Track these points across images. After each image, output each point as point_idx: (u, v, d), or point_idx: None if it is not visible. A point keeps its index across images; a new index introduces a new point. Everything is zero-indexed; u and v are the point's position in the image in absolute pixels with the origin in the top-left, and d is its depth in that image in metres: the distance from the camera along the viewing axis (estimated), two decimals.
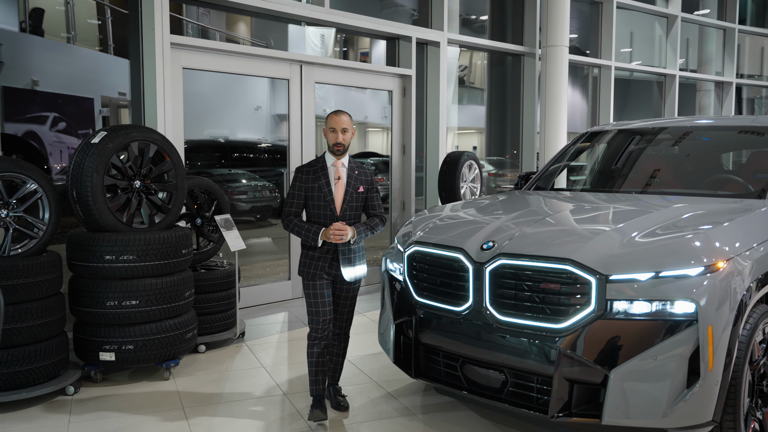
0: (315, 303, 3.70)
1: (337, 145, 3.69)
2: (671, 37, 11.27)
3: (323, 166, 3.74)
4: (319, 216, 3.70)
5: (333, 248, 3.69)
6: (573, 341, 2.91)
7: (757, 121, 4.63)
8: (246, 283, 6.71)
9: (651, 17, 11.25)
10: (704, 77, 12.12)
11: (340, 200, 3.71)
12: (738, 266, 2.98)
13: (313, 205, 3.71)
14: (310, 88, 6.91)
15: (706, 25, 12.08)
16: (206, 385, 4.37)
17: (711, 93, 12.32)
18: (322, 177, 3.71)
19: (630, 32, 11.19)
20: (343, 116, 3.72)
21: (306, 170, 3.75)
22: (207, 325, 5.12)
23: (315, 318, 3.70)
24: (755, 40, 13.24)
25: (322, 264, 3.70)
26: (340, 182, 3.72)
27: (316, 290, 3.70)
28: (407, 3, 8.99)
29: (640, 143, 4.87)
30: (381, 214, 3.86)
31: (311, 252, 3.72)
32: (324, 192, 3.68)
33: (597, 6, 10.26)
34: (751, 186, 4.03)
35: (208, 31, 8.23)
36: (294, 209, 3.74)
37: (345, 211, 3.71)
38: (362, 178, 3.79)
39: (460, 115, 10.01)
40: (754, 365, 3.10)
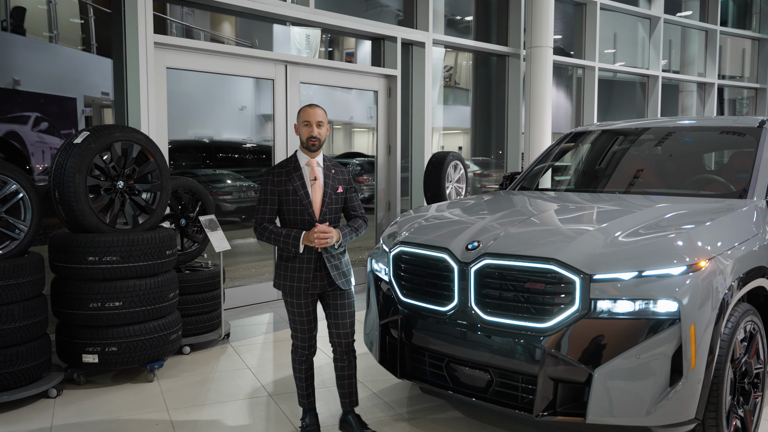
0: (300, 321, 3.42)
1: (311, 140, 3.32)
2: (654, 39, 11.37)
3: (296, 166, 3.37)
4: (296, 222, 3.33)
5: (317, 256, 3.32)
6: (557, 340, 2.93)
7: (738, 121, 4.69)
8: (231, 284, 6.68)
9: (634, 18, 11.35)
10: (687, 78, 12.24)
11: (318, 203, 3.34)
12: (720, 265, 3.01)
13: (288, 210, 3.34)
14: (295, 89, 6.90)
15: (689, 26, 12.20)
16: (191, 387, 4.35)
17: (693, 94, 12.44)
18: (296, 178, 3.34)
19: (613, 33, 11.27)
20: (318, 109, 3.36)
21: (277, 172, 3.37)
22: (192, 326, 5.10)
23: (298, 335, 3.46)
24: (737, 41, 13.39)
25: (306, 276, 3.32)
26: (316, 183, 3.36)
27: (301, 308, 3.39)
28: (392, 3, 9.00)
29: (623, 144, 4.91)
30: (363, 214, 3.55)
31: (290, 263, 3.33)
32: (300, 195, 3.31)
33: (581, 7, 10.33)
34: (732, 186, 4.07)
35: (193, 31, 8.18)
36: (267, 216, 3.36)
37: (325, 215, 3.35)
38: (340, 177, 3.44)
39: (445, 115, 10.04)
40: (736, 363, 3.13)
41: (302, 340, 3.46)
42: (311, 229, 3.27)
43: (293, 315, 3.42)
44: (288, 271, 3.35)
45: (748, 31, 13.36)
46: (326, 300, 3.44)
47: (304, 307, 3.39)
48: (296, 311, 3.40)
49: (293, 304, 3.39)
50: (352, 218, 3.52)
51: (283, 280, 3.37)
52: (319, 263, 3.34)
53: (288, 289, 3.36)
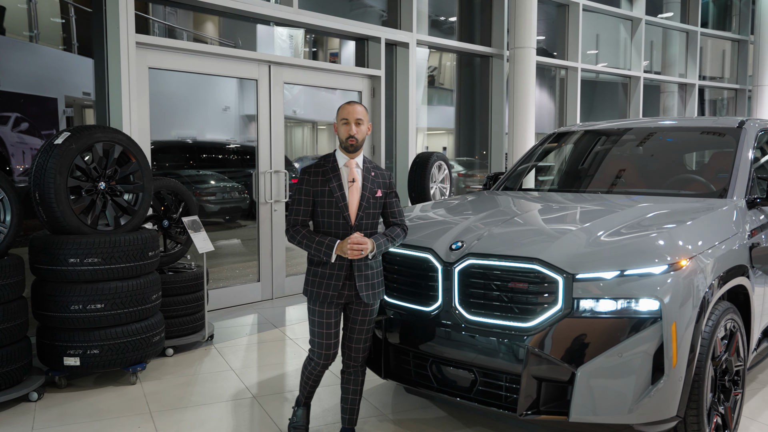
0: (320, 333, 3.20)
1: (350, 139, 3.13)
2: (636, 40, 11.47)
3: (334, 166, 3.17)
4: (330, 226, 3.14)
5: (347, 264, 3.13)
6: (541, 340, 2.94)
7: (718, 122, 4.74)
8: (215, 286, 6.64)
9: (616, 20, 11.44)
10: (668, 79, 12.36)
11: (355, 207, 3.14)
12: (700, 264, 3.04)
13: (322, 212, 3.14)
14: (278, 89, 6.88)
15: (670, 27, 12.33)
16: (174, 389, 4.32)
17: (675, 94, 12.57)
18: (334, 179, 3.14)
19: (596, 35, 11.36)
20: (358, 106, 3.17)
21: (314, 171, 3.17)
22: (175, 328, 5.06)
23: (319, 348, 3.23)
24: (717, 42, 13.55)
25: (335, 284, 3.12)
26: (354, 185, 3.15)
27: (323, 318, 3.18)
28: (376, 4, 9.00)
29: (605, 144, 4.94)
30: (403, 222, 3.31)
31: (320, 269, 3.15)
32: (336, 197, 3.12)
33: (563, 8, 10.40)
34: (713, 186, 4.12)
35: (175, 31, 8.12)
36: (301, 218, 3.16)
37: (361, 220, 3.14)
38: (380, 181, 3.23)
39: (429, 115, 10.06)
40: (717, 361, 3.17)
41: (323, 352, 3.23)
42: (345, 239, 3.08)
43: (315, 325, 3.21)
44: (317, 277, 3.16)
45: (728, 32, 13.53)
46: (348, 311, 3.27)
47: (331, 317, 3.18)
48: (319, 321, 3.19)
49: (317, 313, 3.19)
50: (391, 225, 3.30)
51: (311, 286, 3.18)
52: (351, 271, 3.15)
53: (314, 296, 3.17)
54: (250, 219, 7.44)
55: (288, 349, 5.26)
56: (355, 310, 3.24)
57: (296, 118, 9.84)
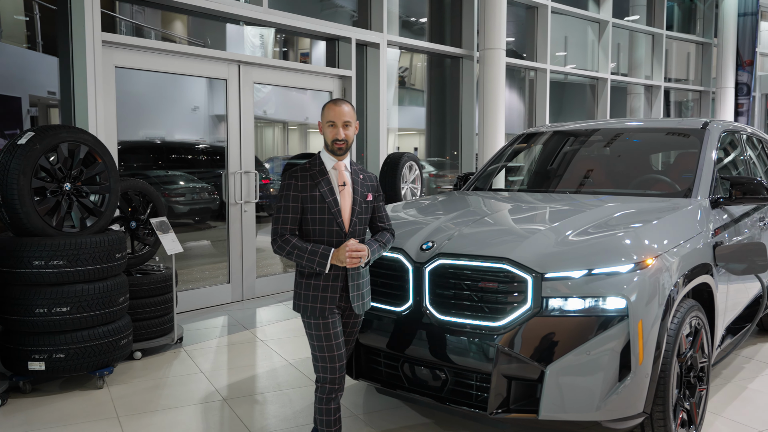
0: (328, 346, 2.91)
1: (337, 143, 2.92)
2: (603, 42, 11.64)
3: (322, 169, 2.95)
4: (323, 234, 2.90)
5: (342, 274, 2.93)
6: (510, 339, 2.96)
7: (683, 123, 4.83)
8: (184, 287, 6.57)
9: (584, 22, 11.60)
10: (634, 81, 12.56)
11: (348, 212, 2.93)
12: (666, 263, 3.10)
13: (312, 219, 2.90)
14: (248, 89, 6.83)
15: (636, 30, 12.53)
16: (142, 393, 4.26)
17: (641, 96, 12.79)
18: (323, 183, 2.91)
19: (564, 37, 11.51)
20: (345, 106, 2.95)
21: (301, 176, 2.92)
22: (143, 330, 4.99)
23: (330, 365, 2.92)
24: (682, 45, 13.82)
25: (331, 296, 2.91)
26: (345, 189, 2.95)
27: (329, 330, 2.90)
28: (347, 4, 8.99)
29: (574, 144, 5.01)
30: (390, 226, 3.16)
31: (313, 281, 2.91)
32: (328, 202, 2.89)
33: (532, 10, 10.51)
34: (678, 185, 4.19)
35: (143, 30, 8.02)
36: (289, 226, 2.90)
37: (354, 226, 2.94)
38: (368, 184, 3.05)
39: (400, 116, 10.09)
40: (682, 358, 3.23)
41: (331, 371, 2.92)
42: (341, 246, 2.86)
43: (318, 340, 2.92)
44: (311, 290, 2.91)
45: (693, 35, 13.81)
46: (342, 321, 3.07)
47: (332, 328, 2.92)
48: (322, 334, 2.91)
49: (317, 326, 2.91)
50: (379, 231, 3.12)
51: (304, 300, 2.92)
52: (345, 281, 2.96)
53: (311, 310, 2.91)
54: (220, 220, 7.38)
55: (259, 350, 5.22)
56: (344, 323, 3.05)
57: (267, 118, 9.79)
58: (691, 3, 13.89)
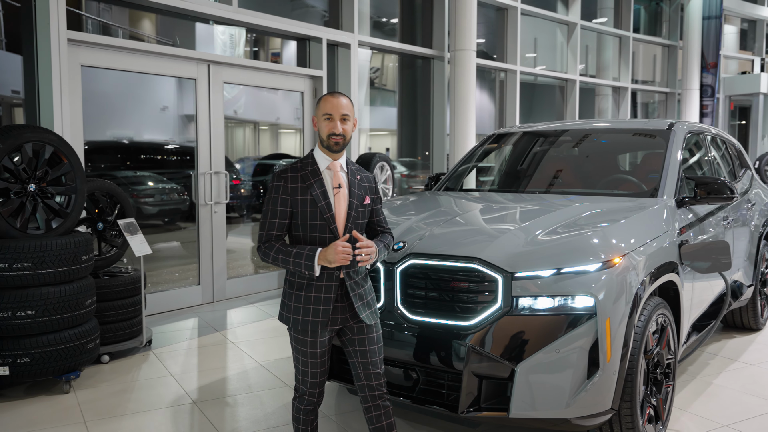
0: (312, 363, 2.73)
1: (334, 137, 2.67)
2: (572, 44, 11.78)
3: (315, 170, 2.70)
4: (314, 241, 2.66)
5: (338, 283, 2.67)
6: (481, 338, 2.98)
7: (649, 124, 4.91)
8: (153, 289, 6.49)
9: (553, 24, 11.73)
10: (602, 82, 12.74)
11: (342, 217, 2.69)
12: (633, 261, 3.15)
13: (303, 225, 2.66)
14: (218, 89, 6.77)
15: (604, 32, 12.72)
16: (110, 397, 4.19)
17: (609, 97, 12.98)
18: (316, 185, 2.67)
19: (534, 38, 11.62)
20: (342, 99, 2.71)
21: (291, 177, 2.68)
22: (111, 334, 4.91)
23: (311, 380, 2.76)
24: (648, 48, 14.05)
25: (324, 309, 2.65)
26: (340, 192, 2.71)
27: (315, 348, 2.71)
28: (318, 4, 8.96)
29: (543, 145, 5.06)
30: (390, 229, 2.94)
31: (304, 292, 2.66)
32: (321, 206, 2.65)
33: (502, 12, 10.59)
34: (644, 185, 4.26)
35: (110, 28, 7.89)
36: (276, 232, 2.67)
37: (349, 231, 2.70)
38: (366, 185, 2.80)
39: (372, 116, 10.08)
40: (649, 355, 3.28)
41: (312, 386, 2.76)
42: (330, 245, 2.60)
43: (303, 356, 2.73)
44: (301, 302, 2.67)
45: (659, 38, 14.05)
46: (347, 335, 2.78)
47: (320, 347, 2.71)
48: (309, 351, 2.70)
49: (305, 343, 2.70)
50: (378, 234, 2.87)
51: (294, 312, 2.68)
52: (341, 291, 2.69)
53: (301, 324, 2.66)
54: (190, 221, 7.29)
55: (230, 352, 5.18)
56: (357, 332, 2.76)
57: (237, 118, 9.70)
58: (657, 6, 14.14)
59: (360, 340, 2.76)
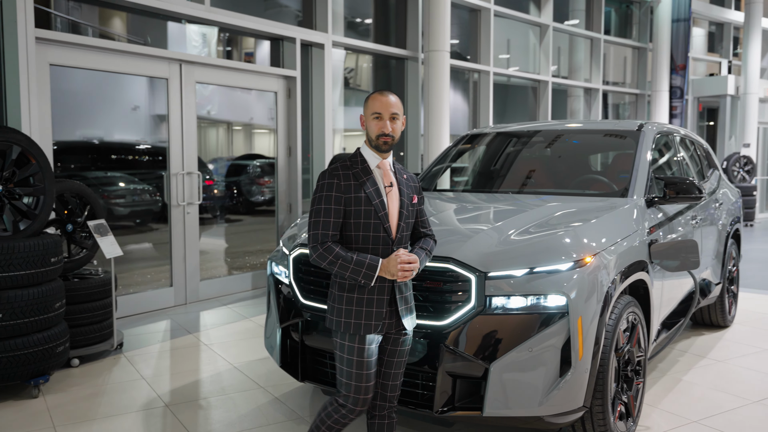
0: (359, 375, 2.59)
1: (384, 137, 2.60)
2: (544, 46, 11.90)
3: (366, 168, 2.63)
4: (367, 240, 2.57)
5: (389, 286, 2.60)
6: (455, 337, 3.00)
7: (620, 125, 4.98)
8: (124, 292, 6.40)
9: (526, 26, 11.83)
10: (574, 84, 12.89)
11: (395, 216, 2.61)
12: (604, 260, 3.19)
13: (356, 224, 2.57)
14: (190, 88, 6.70)
15: (575, 34, 12.86)
16: (80, 401, 4.12)
17: (581, 98, 13.13)
18: (369, 183, 2.59)
19: (507, 40, 11.70)
20: (392, 97, 2.65)
21: (343, 174, 2.59)
22: (81, 337, 4.83)
23: (356, 392, 2.60)
24: (619, 50, 14.24)
25: (377, 311, 2.57)
26: (392, 191, 2.63)
27: (362, 356, 2.58)
28: (292, 4, 8.92)
29: (516, 145, 5.10)
30: (432, 233, 2.85)
31: (356, 294, 2.57)
32: (375, 205, 2.56)
33: (476, 13, 10.66)
34: (615, 185, 4.32)
35: (80, 26, 7.77)
36: (331, 231, 2.55)
37: (402, 231, 2.63)
38: (412, 185, 2.75)
39: (347, 117, 10.06)
40: (620, 352, 3.33)
41: (360, 397, 2.61)
42: (391, 257, 2.54)
43: (351, 365, 2.59)
44: (353, 305, 2.57)
45: (629, 40, 14.25)
46: (382, 343, 2.70)
47: (372, 355, 2.61)
48: (358, 360, 2.58)
49: (353, 350, 2.58)
50: (421, 237, 2.80)
51: (345, 316, 2.58)
52: (393, 295, 2.62)
53: (354, 328, 2.56)
54: (163, 222, 7.21)
55: (203, 355, 5.13)
56: (393, 341, 2.69)
57: (210, 118, 9.61)
58: (627, 9, 14.34)
59: (392, 351, 2.70)
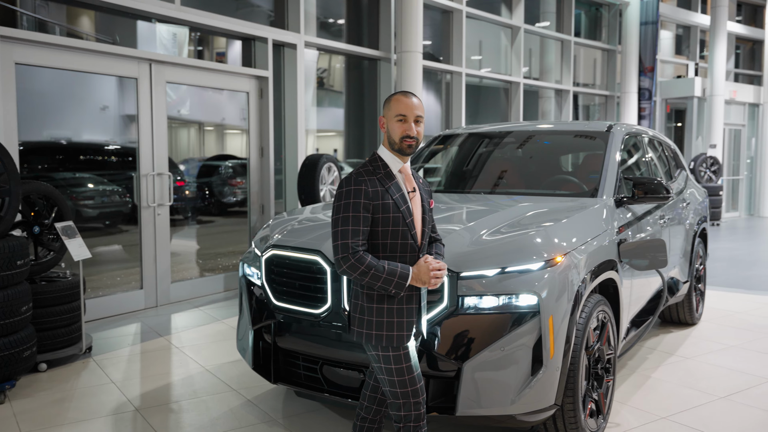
0: (410, 379, 2.51)
1: (408, 140, 2.51)
2: (515, 47, 12.00)
3: (389, 173, 2.52)
4: (395, 248, 2.49)
5: (418, 294, 2.55)
6: (428, 337, 3.00)
7: (589, 126, 5.04)
8: (93, 294, 6.30)
9: (497, 27, 11.92)
10: (545, 85, 13.01)
11: (419, 223, 2.54)
12: (574, 260, 3.22)
13: (384, 232, 2.47)
14: (160, 88, 6.62)
15: (546, 36, 12.99)
16: (48, 407, 4.04)
17: (552, 100, 13.27)
18: (395, 189, 2.50)
19: (479, 41, 11.77)
20: (415, 99, 2.55)
21: (369, 180, 2.47)
22: (48, 341, 4.75)
23: (414, 400, 2.52)
24: (589, 51, 14.42)
25: (408, 321, 2.50)
26: (415, 195, 2.56)
27: (409, 361, 2.51)
28: (263, 4, 8.87)
29: (488, 146, 5.13)
30: (440, 237, 2.82)
31: (387, 305, 2.48)
32: (402, 211, 2.48)
33: (448, 15, 10.70)
34: (585, 186, 4.37)
35: (47, 25, 7.63)
36: (361, 240, 2.43)
37: (425, 238, 2.58)
38: (427, 189, 2.68)
39: (319, 117, 10.03)
40: (590, 350, 3.37)
41: (416, 406, 2.53)
42: (422, 265, 2.47)
43: (400, 374, 2.50)
44: (384, 316, 2.48)
45: (599, 42, 14.43)
46: None
47: (412, 358, 2.53)
48: (404, 366, 2.50)
49: (398, 358, 2.49)
50: (432, 242, 2.73)
51: (377, 329, 2.47)
52: (419, 302, 2.57)
53: (386, 340, 2.47)
54: (133, 223, 7.11)
55: (174, 358, 5.07)
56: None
57: (181, 118, 9.51)
58: (596, 11, 14.53)
59: None
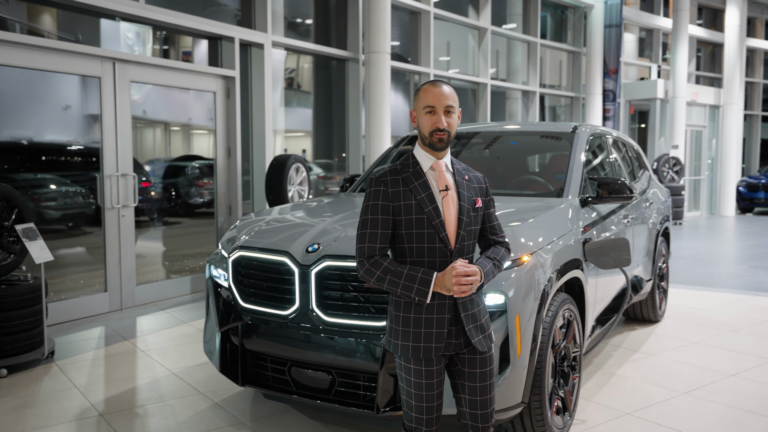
0: (427, 396, 2.35)
1: (438, 133, 2.31)
2: (483, 49, 12.09)
3: (417, 171, 2.35)
4: (422, 253, 2.31)
5: (451, 302, 2.31)
6: None
7: (555, 127, 5.10)
8: (56, 298, 6.17)
9: (465, 29, 12.00)
10: (512, 86, 13.14)
11: (453, 224, 2.32)
12: (541, 259, 3.26)
13: (409, 235, 2.30)
14: (124, 87, 6.52)
15: (513, 38, 13.12)
16: (8, 413, 3.95)
17: (519, 101, 13.41)
18: (420, 188, 2.31)
19: (447, 42, 11.84)
20: (445, 88, 2.33)
21: (391, 180, 2.33)
22: (9, 346, 4.63)
23: (419, 416, 2.38)
24: (555, 53, 14.61)
25: (438, 332, 2.29)
26: (449, 195, 2.33)
27: (431, 379, 2.34)
28: (230, 3, 8.79)
29: (456, 146, 5.15)
30: (505, 239, 2.53)
31: (413, 314, 2.31)
32: (427, 212, 2.28)
33: (416, 16, 10.74)
34: (551, 186, 4.43)
35: (6, 22, 7.45)
36: (379, 244, 2.30)
37: (462, 241, 2.33)
38: (476, 186, 2.43)
39: (288, 118, 9.98)
40: (556, 348, 3.41)
41: (428, 423, 2.39)
42: (446, 270, 2.26)
43: (417, 388, 2.34)
44: (410, 326, 2.31)
45: (564, 44, 14.63)
46: (457, 366, 2.41)
47: (435, 376, 2.34)
48: (424, 382, 2.33)
49: (414, 372, 2.33)
50: (491, 245, 2.49)
51: (403, 338, 2.32)
52: (456, 312, 2.33)
53: (413, 351, 2.30)
54: (96, 225, 6.99)
55: (139, 361, 4.99)
56: (469, 362, 2.38)
57: (146, 118, 9.37)
58: (562, 14, 14.72)
59: (471, 374, 2.39)
